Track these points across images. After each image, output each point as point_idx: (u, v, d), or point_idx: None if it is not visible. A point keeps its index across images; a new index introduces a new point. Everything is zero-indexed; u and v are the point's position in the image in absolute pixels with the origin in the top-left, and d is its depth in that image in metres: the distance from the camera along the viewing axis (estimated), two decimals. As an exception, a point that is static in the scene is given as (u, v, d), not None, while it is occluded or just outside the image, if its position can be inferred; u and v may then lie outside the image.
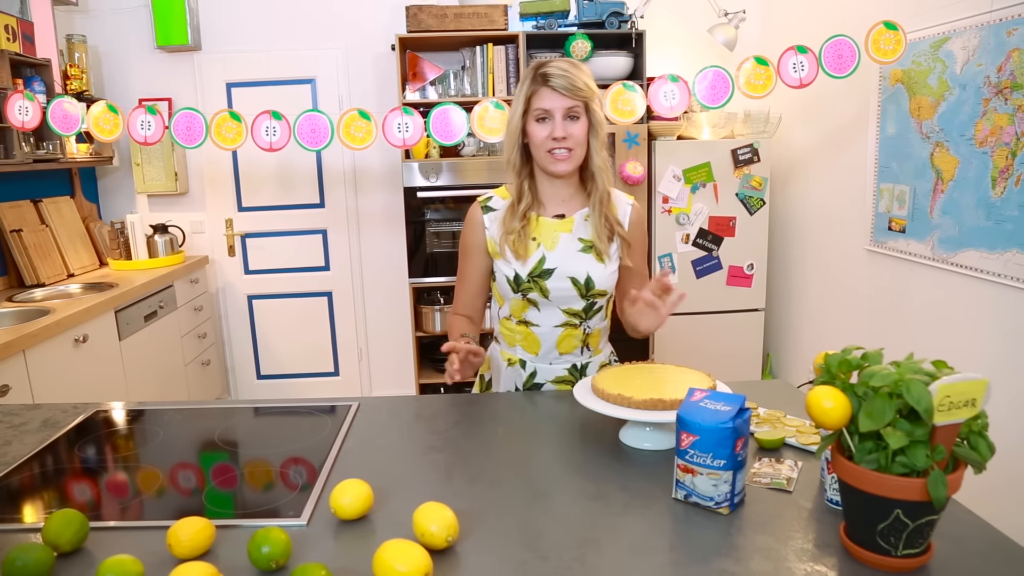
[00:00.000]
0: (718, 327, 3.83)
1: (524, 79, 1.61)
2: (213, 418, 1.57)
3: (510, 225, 1.64)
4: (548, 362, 1.71)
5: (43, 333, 2.47)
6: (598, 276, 1.64)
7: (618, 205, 1.71)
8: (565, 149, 1.58)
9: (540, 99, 1.57)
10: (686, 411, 1.09)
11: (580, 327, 1.69)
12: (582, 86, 1.56)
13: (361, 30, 4.03)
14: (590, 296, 1.65)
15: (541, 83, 1.56)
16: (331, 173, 4.19)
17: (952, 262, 2.61)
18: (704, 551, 0.98)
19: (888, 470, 0.88)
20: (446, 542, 0.97)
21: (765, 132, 3.70)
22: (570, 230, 1.66)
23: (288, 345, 4.37)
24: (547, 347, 1.69)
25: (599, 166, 1.65)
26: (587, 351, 1.72)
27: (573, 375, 1.71)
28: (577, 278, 1.63)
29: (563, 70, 1.56)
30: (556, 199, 1.68)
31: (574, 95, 1.56)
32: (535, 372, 1.72)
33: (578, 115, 1.58)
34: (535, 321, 1.68)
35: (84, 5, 3.89)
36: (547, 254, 1.63)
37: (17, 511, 1.16)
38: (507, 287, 1.66)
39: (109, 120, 2.79)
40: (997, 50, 2.36)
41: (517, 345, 1.72)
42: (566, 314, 1.66)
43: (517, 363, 1.73)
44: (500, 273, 1.67)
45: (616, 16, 3.62)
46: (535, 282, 1.63)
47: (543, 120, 1.58)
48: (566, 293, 1.64)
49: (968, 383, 0.84)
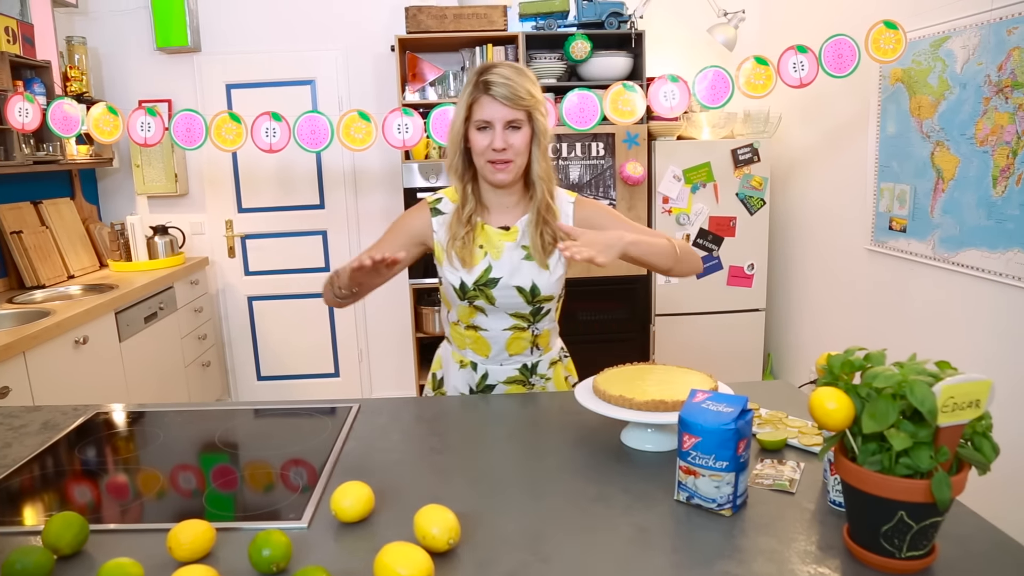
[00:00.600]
0: (718, 327, 3.82)
1: (467, 84, 1.55)
2: (213, 420, 1.57)
3: (456, 231, 1.62)
4: (499, 363, 1.72)
5: (43, 335, 2.47)
6: (543, 283, 1.63)
7: (560, 208, 1.67)
8: (504, 161, 1.54)
9: (481, 108, 1.52)
10: (688, 412, 1.08)
11: (528, 330, 1.69)
12: (525, 95, 1.51)
13: (361, 31, 4.03)
14: (536, 302, 1.65)
15: (482, 91, 1.51)
16: (331, 174, 4.19)
17: (953, 261, 2.61)
18: (707, 553, 0.98)
19: (892, 472, 0.88)
20: (447, 545, 0.97)
21: (765, 132, 3.70)
22: (515, 239, 1.63)
23: (288, 346, 4.37)
24: (497, 349, 1.70)
25: (540, 175, 1.59)
26: (537, 350, 1.73)
27: (524, 374, 1.73)
28: (523, 287, 1.62)
29: (506, 78, 1.50)
30: (500, 205, 1.66)
31: (515, 105, 1.50)
32: (487, 373, 1.72)
33: (520, 125, 1.53)
34: (484, 326, 1.67)
35: (84, 7, 3.88)
36: (493, 263, 1.62)
37: (17, 514, 1.16)
38: (453, 294, 1.65)
39: (109, 122, 2.79)
40: (997, 49, 2.35)
41: (467, 348, 1.72)
42: (514, 318, 1.66)
43: (468, 365, 1.73)
44: (446, 280, 1.65)
45: (615, 16, 3.62)
46: (481, 291, 1.62)
47: (484, 129, 1.53)
48: (512, 300, 1.63)
49: (972, 384, 0.84)
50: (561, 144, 3.58)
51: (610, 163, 3.62)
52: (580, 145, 3.59)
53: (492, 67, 1.53)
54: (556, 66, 3.66)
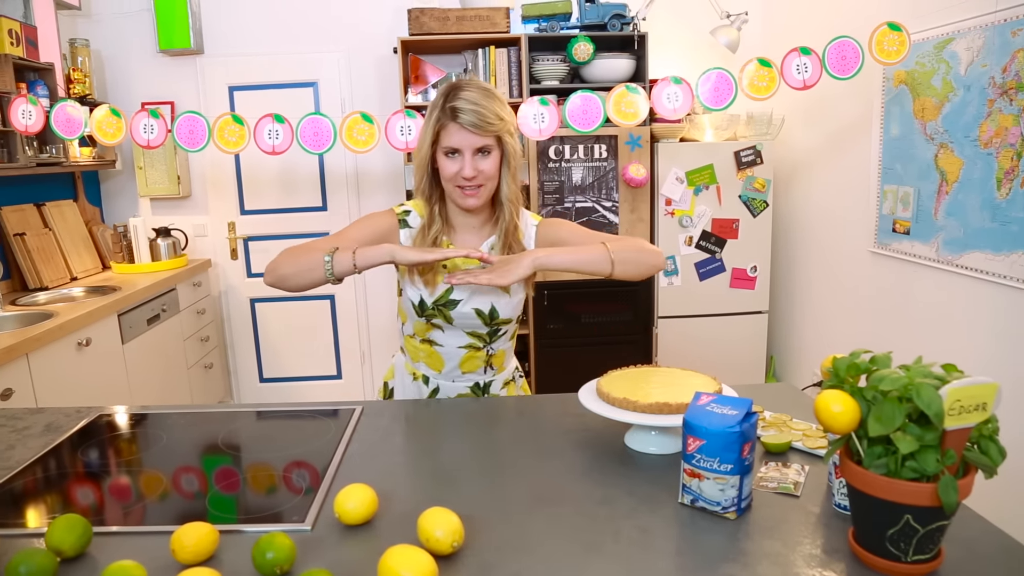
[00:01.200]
0: (721, 330, 3.82)
1: (434, 106, 1.50)
2: (216, 422, 1.57)
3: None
4: (451, 379, 1.70)
5: (46, 336, 2.47)
6: (503, 307, 1.62)
7: (524, 230, 1.65)
8: (474, 187, 1.52)
9: (449, 135, 1.48)
10: (693, 415, 1.08)
11: (483, 349, 1.68)
12: (493, 120, 1.47)
13: (363, 33, 4.03)
14: (495, 324, 1.64)
15: (450, 118, 1.47)
16: (333, 176, 4.19)
17: (957, 264, 2.60)
18: (711, 556, 0.98)
19: (898, 475, 0.87)
20: (451, 547, 0.97)
21: (768, 134, 3.70)
22: (477, 263, 1.57)
23: (291, 348, 4.37)
24: (450, 366, 1.68)
25: (509, 198, 1.57)
26: (490, 370, 1.72)
27: (476, 392, 1.71)
28: (481, 310, 1.61)
29: (474, 104, 1.45)
30: (466, 226, 1.63)
31: (484, 132, 1.46)
32: (437, 388, 1.71)
33: (489, 150, 1.50)
34: (439, 341, 1.66)
35: (87, 9, 3.89)
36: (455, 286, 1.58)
37: (20, 516, 1.15)
38: (412, 310, 1.62)
39: (112, 124, 2.79)
40: (1002, 51, 2.35)
41: (421, 361, 1.71)
42: (470, 336, 1.65)
43: (420, 378, 1.72)
44: (406, 294, 1.63)
45: (618, 18, 3.61)
46: (439, 311, 1.60)
47: (452, 155, 1.50)
48: (470, 321, 1.62)
49: (979, 387, 0.84)
50: (563, 146, 3.58)
51: (613, 165, 3.62)
52: (583, 147, 3.59)
53: (459, 89, 1.48)
54: (558, 68, 3.66)
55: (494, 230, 1.63)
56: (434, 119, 1.50)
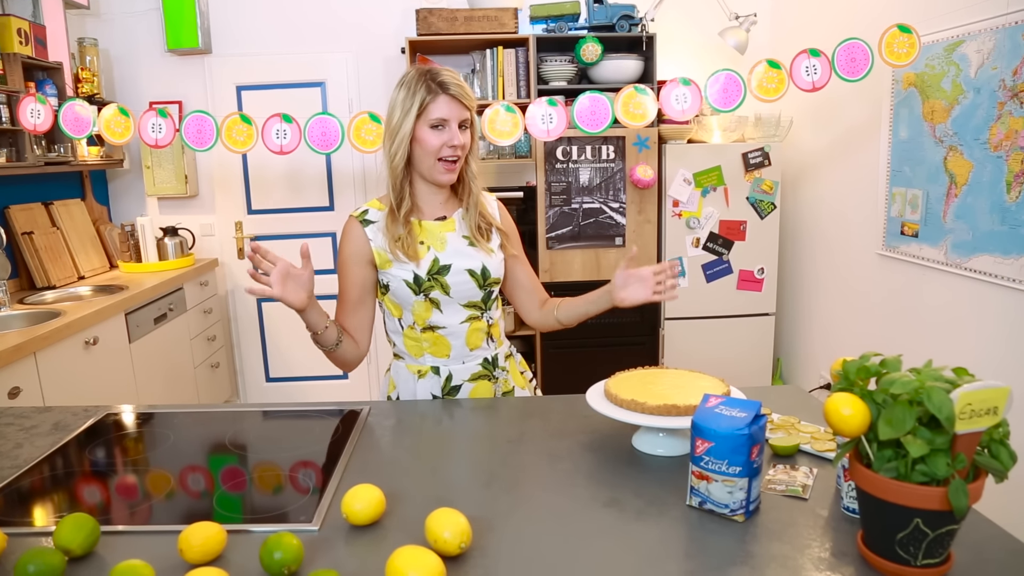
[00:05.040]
0: (728, 331, 3.81)
1: (416, 86, 1.59)
2: (223, 421, 1.57)
3: (395, 232, 1.64)
4: (461, 361, 1.72)
5: (54, 335, 2.48)
6: (492, 265, 1.70)
7: (488, 203, 1.78)
8: (455, 158, 1.62)
9: (438, 107, 1.58)
10: (701, 417, 1.07)
11: (483, 318, 1.72)
12: (471, 96, 1.62)
13: (371, 33, 4.04)
14: (487, 285, 1.70)
15: (439, 91, 1.57)
16: (341, 176, 4.20)
17: (965, 267, 2.59)
18: (719, 559, 0.97)
19: (908, 478, 0.87)
20: (459, 549, 0.97)
21: (776, 135, 3.69)
22: (453, 229, 1.69)
23: (297, 348, 4.37)
24: (458, 346, 1.71)
25: (474, 173, 1.70)
26: (492, 342, 1.76)
27: (487, 368, 1.74)
28: (474, 269, 1.67)
29: (456, 79, 1.59)
30: (433, 203, 1.71)
31: (466, 105, 1.60)
32: (451, 375, 1.71)
33: (468, 125, 1.63)
34: (440, 323, 1.69)
35: (96, 9, 3.91)
36: (439, 255, 1.65)
37: (28, 515, 1.16)
38: (407, 292, 1.65)
39: (120, 123, 2.80)
40: (1013, 53, 2.33)
41: (425, 354, 1.72)
42: (468, 308, 1.70)
43: (429, 372, 1.72)
44: (397, 280, 1.65)
45: (626, 19, 3.61)
46: (435, 280, 1.64)
47: (438, 128, 1.59)
48: (466, 286, 1.67)
49: (990, 391, 0.83)
50: (571, 147, 3.57)
51: (620, 166, 3.61)
52: (590, 148, 3.58)
53: (438, 70, 1.60)
54: (567, 69, 3.66)
55: (458, 205, 1.73)
56: (419, 95, 1.57)
